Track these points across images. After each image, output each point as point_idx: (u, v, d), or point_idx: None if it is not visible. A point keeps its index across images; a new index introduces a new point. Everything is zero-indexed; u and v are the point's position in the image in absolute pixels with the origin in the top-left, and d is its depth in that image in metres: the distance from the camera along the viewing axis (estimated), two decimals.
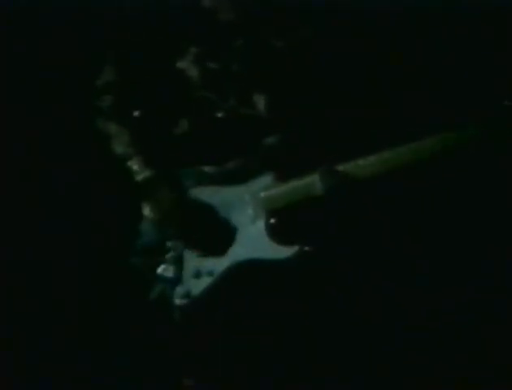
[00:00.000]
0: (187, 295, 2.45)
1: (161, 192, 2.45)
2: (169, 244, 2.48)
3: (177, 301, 2.45)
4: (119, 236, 2.61)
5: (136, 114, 2.50)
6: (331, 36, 2.46)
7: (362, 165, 2.31)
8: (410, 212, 2.57)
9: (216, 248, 2.43)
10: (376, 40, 2.52)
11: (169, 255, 2.47)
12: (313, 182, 2.35)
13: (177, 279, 2.46)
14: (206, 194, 2.47)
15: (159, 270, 2.48)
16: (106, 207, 2.79)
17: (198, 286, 2.44)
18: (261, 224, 2.41)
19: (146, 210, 2.50)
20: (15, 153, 2.88)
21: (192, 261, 2.45)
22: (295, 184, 2.38)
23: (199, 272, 2.45)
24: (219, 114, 2.51)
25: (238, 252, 2.41)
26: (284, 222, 2.40)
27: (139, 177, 2.44)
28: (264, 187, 2.42)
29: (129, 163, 2.45)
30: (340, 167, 2.32)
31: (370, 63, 2.50)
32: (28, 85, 2.91)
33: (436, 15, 2.57)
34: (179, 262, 2.47)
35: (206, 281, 2.43)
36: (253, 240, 2.40)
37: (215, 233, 2.44)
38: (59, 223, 2.84)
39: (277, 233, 2.39)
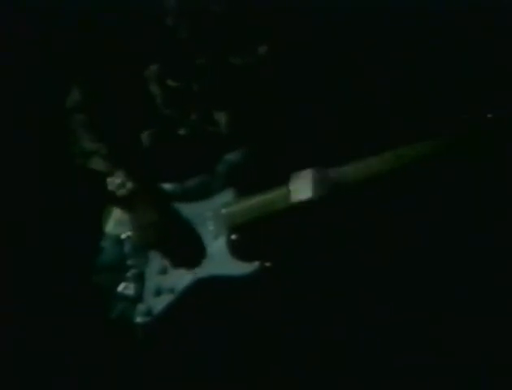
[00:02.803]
0: (148, 313, 2.43)
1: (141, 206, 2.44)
2: (129, 261, 2.47)
3: (138, 319, 2.44)
4: (80, 253, 2.59)
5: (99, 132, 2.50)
6: (291, 52, 2.48)
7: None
8: (381, 225, 2.57)
9: (177, 264, 2.42)
10: (338, 53, 2.53)
11: (130, 273, 2.46)
12: (274, 198, 2.35)
13: (138, 297, 2.45)
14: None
15: (120, 287, 2.46)
16: (66, 224, 2.77)
17: (159, 303, 2.43)
18: (222, 240, 2.41)
19: (108, 227, 2.50)
20: None
21: (152, 278, 2.44)
22: (256, 200, 2.38)
23: (160, 289, 2.43)
24: (181, 131, 2.51)
25: (199, 268, 2.41)
26: (245, 238, 2.40)
27: (120, 191, 2.43)
28: (225, 203, 2.42)
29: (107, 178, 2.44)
30: None
31: (333, 77, 2.51)
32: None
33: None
34: (139, 280, 2.46)
35: (167, 298, 2.42)
36: (215, 257, 2.40)
37: (177, 249, 2.43)
38: (19, 240, 2.82)
39: (238, 249, 2.39)
